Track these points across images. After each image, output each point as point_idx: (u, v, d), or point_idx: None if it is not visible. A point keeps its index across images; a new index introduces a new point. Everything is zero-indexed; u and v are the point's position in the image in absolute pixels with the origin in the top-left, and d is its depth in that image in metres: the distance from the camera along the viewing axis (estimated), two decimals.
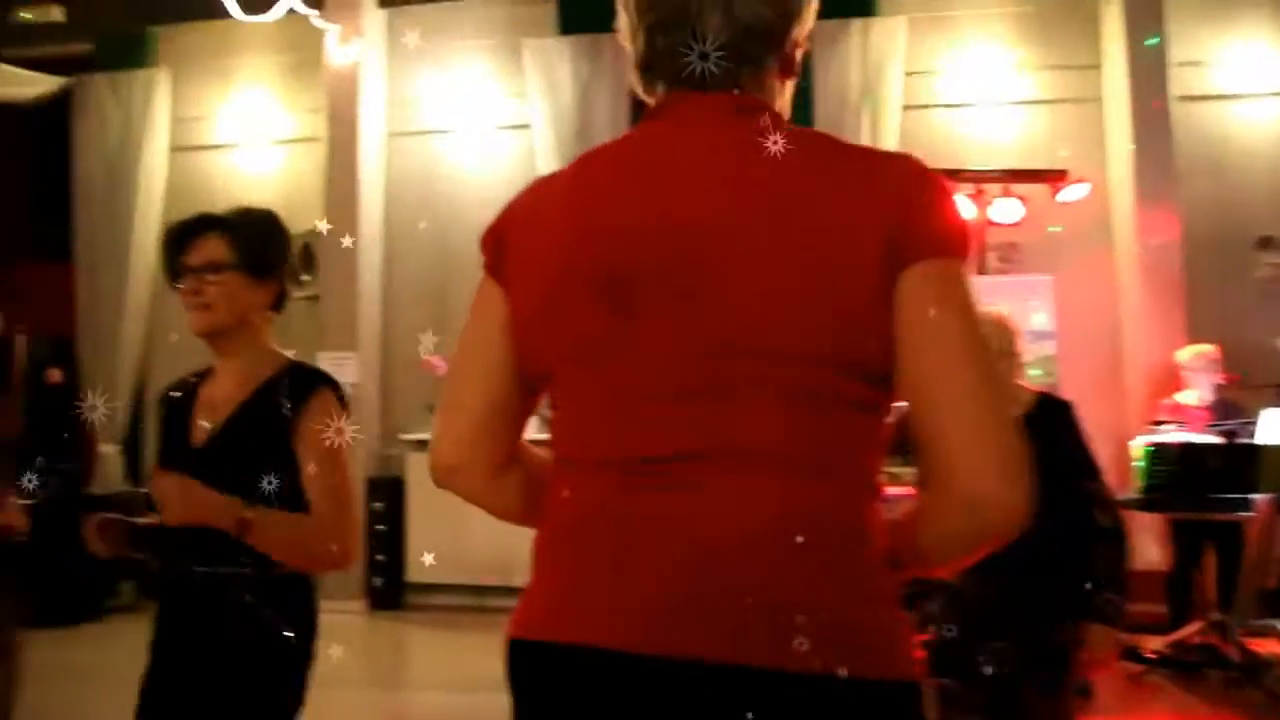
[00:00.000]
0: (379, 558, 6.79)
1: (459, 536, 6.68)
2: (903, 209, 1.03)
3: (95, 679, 5.81)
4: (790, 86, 1.19)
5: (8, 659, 3.63)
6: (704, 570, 0.98)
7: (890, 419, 1.08)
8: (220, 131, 7.91)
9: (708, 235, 1.03)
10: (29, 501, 3.26)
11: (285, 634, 1.90)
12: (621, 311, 1.05)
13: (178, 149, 7.97)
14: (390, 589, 6.92)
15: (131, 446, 7.97)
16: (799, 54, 1.17)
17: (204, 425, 1.96)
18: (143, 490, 7.70)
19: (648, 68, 1.15)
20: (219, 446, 1.93)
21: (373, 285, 7.30)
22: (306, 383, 1.97)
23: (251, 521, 1.81)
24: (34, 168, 8.89)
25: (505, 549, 6.85)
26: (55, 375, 8.89)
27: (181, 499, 1.78)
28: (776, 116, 1.12)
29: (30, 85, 7.96)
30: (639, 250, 1.05)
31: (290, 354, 2.07)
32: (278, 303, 2.06)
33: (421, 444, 7.05)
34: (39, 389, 8.93)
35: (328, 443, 1.92)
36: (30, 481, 3.52)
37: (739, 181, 1.05)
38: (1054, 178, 6.25)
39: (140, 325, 7.86)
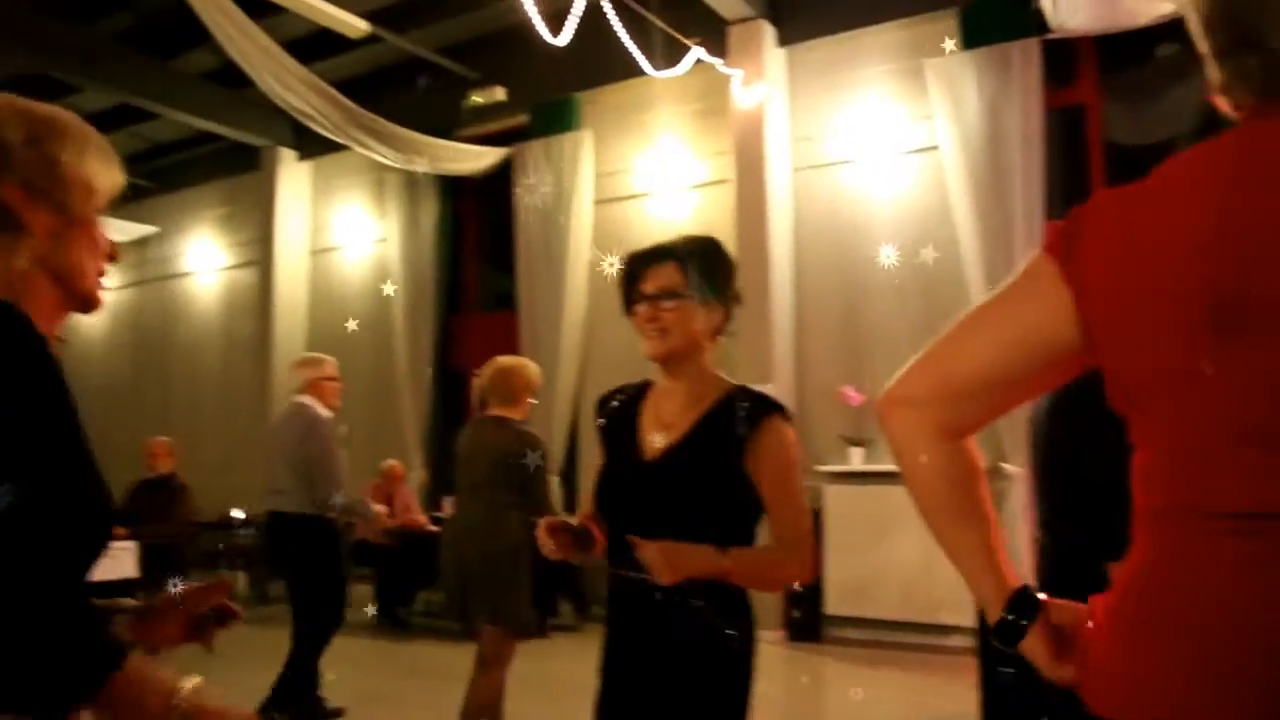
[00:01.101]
0: (797, 589, 6.84)
1: (875, 569, 6.58)
2: None
3: (543, 688, 6.38)
4: None
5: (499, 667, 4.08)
6: None
7: None
8: (637, 181, 8.49)
9: None
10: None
11: (730, 634, 1.96)
12: (1227, 338, 0.93)
13: (600, 201, 8.67)
14: (808, 620, 6.96)
15: (568, 478, 8.69)
16: None
17: (656, 441, 2.06)
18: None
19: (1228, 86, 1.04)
20: (673, 463, 2.01)
21: (785, 316, 7.42)
22: (760, 407, 2.01)
23: (731, 569, 1.88)
24: (483, 229, 10.10)
25: (920, 585, 6.66)
26: None
27: (668, 563, 1.84)
28: None
29: (480, 159, 9.08)
30: (1257, 271, 0.93)
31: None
32: (722, 327, 2.12)
33: (838, 476, 7.04)
34: None
35: (785, 469, 1.97)
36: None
37: None
38: None
39: (575, 364, 8.60)
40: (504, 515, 4.07)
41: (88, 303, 1.29)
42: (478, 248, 10.13)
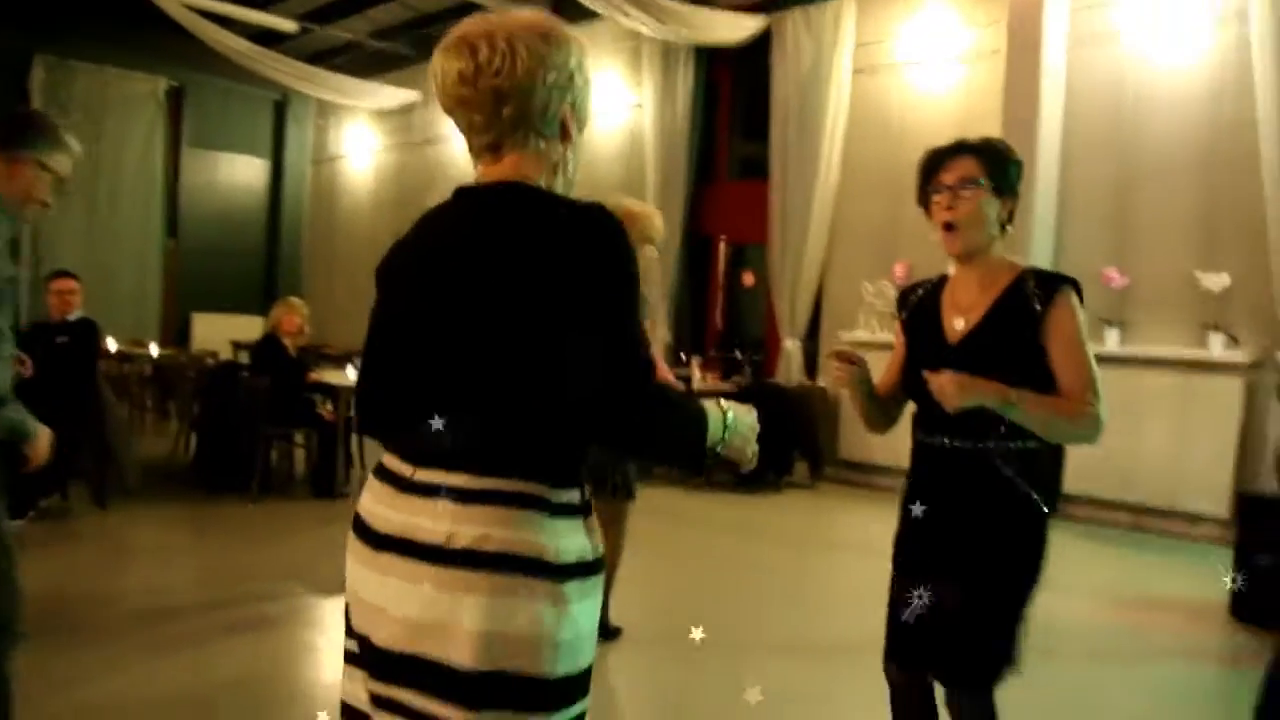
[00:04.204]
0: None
1: (1123, 453, 6.53)
2: None
3: (780, 538, 6.82)
4: None
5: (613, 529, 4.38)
6: None
7: None
8: (900, 51, 8.36)
9: None
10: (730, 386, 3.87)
11: (1033, 497, 2.16)
12: None
13: (859, 71, 8.62)
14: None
15: (811, 340, 8.95)
16: None
17: (958, 325, 2.24)
18: (819, 384, 8.68)
19: None
20: (974, 342, 2.19)
21: (1048, 197, 7.26)
22: (1052, 282, 2.17)
23: (1015, 400, 2.06)
24: (739, 99, 10.23)
25: (1169, 472, 6.57)
26: (748, 278, 10.30)
27: (958, 388, 2.05)
28: None
29: (738, 28, 9.16)
30: None
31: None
32: (1011, 218, 2.26)
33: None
34: (734, 290, 10.43)
35: (1073, 334, 2.11)
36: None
37: None
38: None
39: (824, 233, 8.75)
40: None
41: None
42: (731, 117, 10.29)
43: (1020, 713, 2.23)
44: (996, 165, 2.21)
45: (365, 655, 1.41)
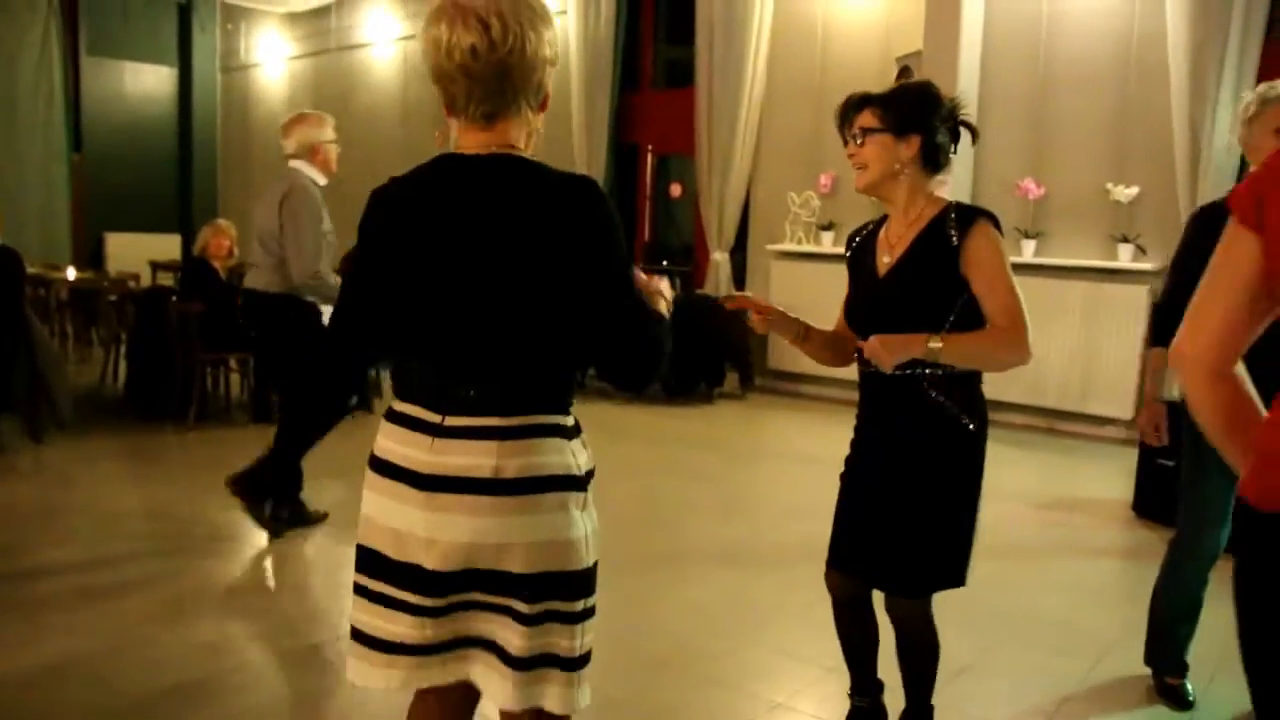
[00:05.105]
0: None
1: (1035, 359, 6.86)
2: None
3: (713, 448, 7.06)
4: None
5: None
6: None
7: None
8: None
9: None
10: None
11: (962, 420, 2.36)
12: None
13: None
14: None
15: (739, 253, 9.09)
16: None
17: (885, 259, 2.43)
18: (746, 294, 8.84)
19: None
20: (898, 275, 2.38)
21: (968, 108, 7.39)
22: (969, 216, 2.33)
23: (939, 349, 2.22)
24: (663, 3, 10.09)
25: (1079, 377, 6.95)
26: (676, 190, 10.34)
27: (886, 350, 2.20)
28: None
29: None
30: None
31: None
32: (936, 152, 2.37)
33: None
34: (663, 201, 10.48)
35: (994, 263, 2.28)
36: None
37: None
38: None
39: (751, 144, 8.82)
40: None
41: None
42: (656, 23, 10.18)
43: (938, 611, 2.47)
44: (895, 110, 2.37)
45: (417, 580, 1.60)
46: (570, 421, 1.67)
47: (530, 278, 1.55)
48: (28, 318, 5.80)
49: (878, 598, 2.54)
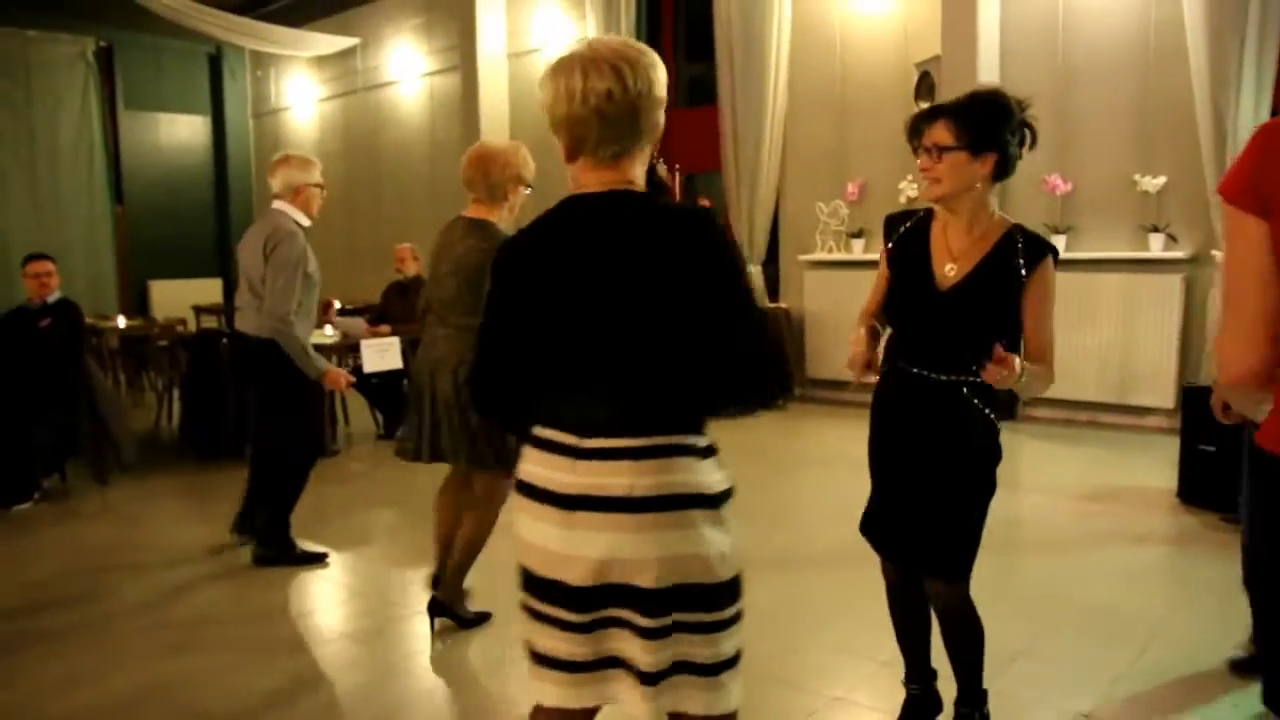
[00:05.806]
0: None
1: (1072, 352, 6.89)
2: None
3: (750, 456, 7.12)
4: None
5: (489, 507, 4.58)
6: None
7: None
8: None
9: None
10: None
11: (989, 414, 2.48)
12: None
13: None
14: (1007, 399, 7.35)
15: (771, 264, 9.18)
16: None
17: (949, 271, 2.49)
18: (782, 306, 8.94)
19: None
20: (967, 292, 2.44)
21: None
22: (1038, 248, 2.42)
23: (1026, 376, 2.30)
24: (682, 23, 10.25)
25: (1118, 368, 6.97)
26: (705, 204, 10.46)
27: (1012, 378, 2.24)
28: None
29: None
30: None
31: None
32: (1007, 166, 2.44)
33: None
34: None
35: (1046, 301, 2.40)
36: None
37: None
38: None
39: (777, 156, 8.92)
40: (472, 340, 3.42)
41: None
42: (675, 41, 10.33)
43: (989, 602, 2.55)
44: (971, 128, 2.39)
45: (563, 596, 1.71)
46: (704, 442, 1.74)
47: (656, 304, 1.66)
48: (87, 365, 6.02)
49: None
